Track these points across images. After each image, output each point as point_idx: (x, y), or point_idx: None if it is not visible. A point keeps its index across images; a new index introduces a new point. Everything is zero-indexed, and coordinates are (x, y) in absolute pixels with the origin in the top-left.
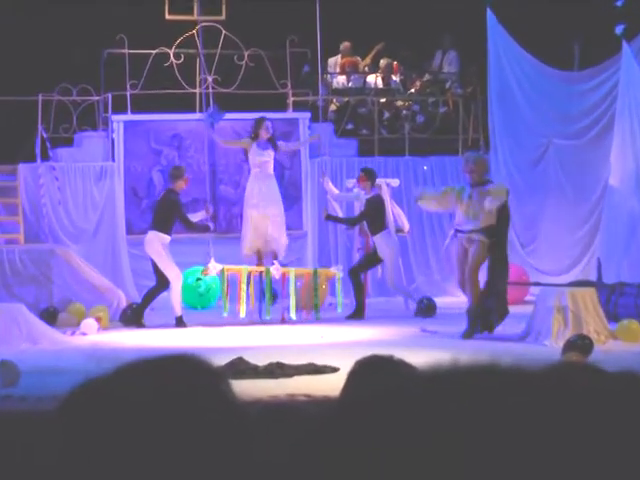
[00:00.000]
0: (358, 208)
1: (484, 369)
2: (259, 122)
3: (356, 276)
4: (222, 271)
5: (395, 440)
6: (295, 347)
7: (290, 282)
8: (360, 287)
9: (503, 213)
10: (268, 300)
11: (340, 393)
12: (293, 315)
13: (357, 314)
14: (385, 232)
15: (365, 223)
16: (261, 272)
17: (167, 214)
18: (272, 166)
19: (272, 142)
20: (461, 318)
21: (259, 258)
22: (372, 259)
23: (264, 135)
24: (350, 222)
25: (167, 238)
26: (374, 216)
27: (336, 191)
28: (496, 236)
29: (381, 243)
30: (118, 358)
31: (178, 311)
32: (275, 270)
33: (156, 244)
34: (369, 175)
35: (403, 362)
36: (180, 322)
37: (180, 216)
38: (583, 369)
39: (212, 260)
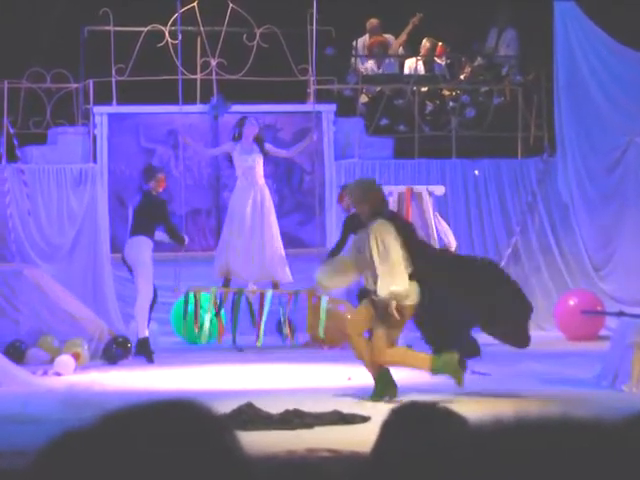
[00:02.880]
0: None
1: (557, 424)
2: (240, 121)
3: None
4: (188, 294)
5: None
6: (316, 390)
7: (266, 304)
8: None
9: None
10: (261, 326)
11: (372, 448)
12: (260, 342)
13: None
14: None
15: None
16: (234, 292)
17: (148, 218)
18: (261, 173)
19: (260, 143)
20: (516, 356)
21: (227, 279)
22: None
23: (249, 134)
24: (334, 250)
25: (151, 244)
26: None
27: None
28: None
29: None
30: (101, 404)
31: (142, 331)
32: (251, 292)
33: (144, 250)
34: (345, 188)
35: (449, 411)
36: (143, 348)
37: (163, 218)
38: None
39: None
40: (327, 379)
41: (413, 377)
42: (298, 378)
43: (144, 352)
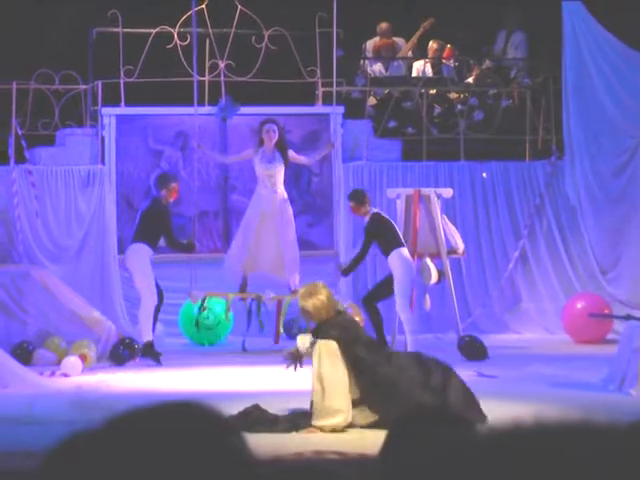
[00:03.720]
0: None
1: (576, 430)
2: (260, 125)
3: (370, 305)
4: (204, 299)
5: None
6: None
7: (283, 310)
8: (378, 318)
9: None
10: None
11: (379, 452)
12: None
13: None
14: (397, 250)
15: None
16: (252, 298)
17: (153, 225)
18: (281, 181)
19: (282, 150)
20: (523, 359)
21: (244, 282)
22: (390, 284)
23: (267, 141)
24: (360, 257)
25: (151, 252)
26: (380, 236)
27: None
28: None
29: (393, 263)
30: (109, 406)
31: (147, 335)
32: (267, 297)
33: (143, 257)
34: (357, 198)
35: (456, 415)
36: (148, 351)
37: (166, 228)
38: None
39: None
40: None
41: None
42: (305, 380)
43: (150, 355)
